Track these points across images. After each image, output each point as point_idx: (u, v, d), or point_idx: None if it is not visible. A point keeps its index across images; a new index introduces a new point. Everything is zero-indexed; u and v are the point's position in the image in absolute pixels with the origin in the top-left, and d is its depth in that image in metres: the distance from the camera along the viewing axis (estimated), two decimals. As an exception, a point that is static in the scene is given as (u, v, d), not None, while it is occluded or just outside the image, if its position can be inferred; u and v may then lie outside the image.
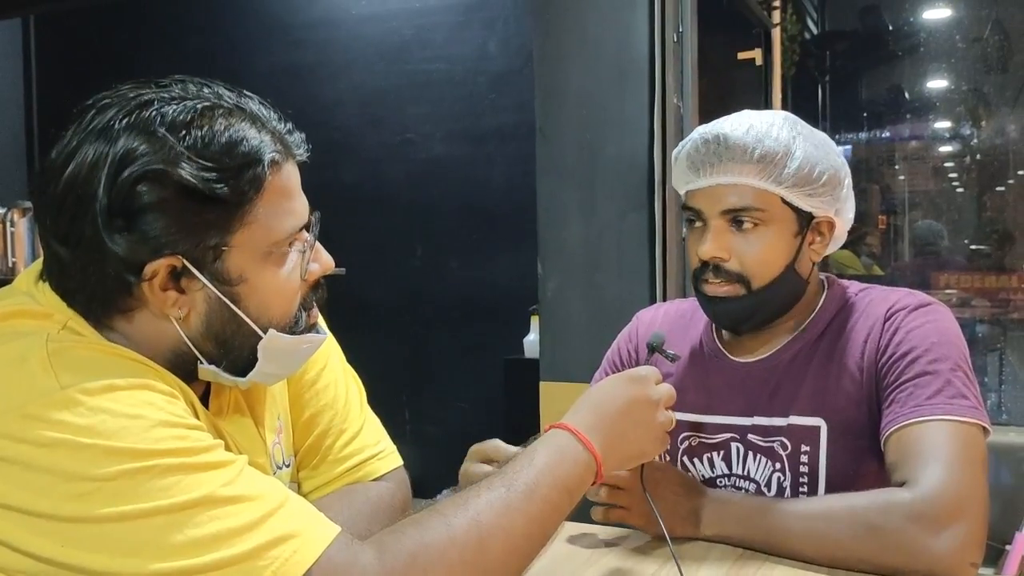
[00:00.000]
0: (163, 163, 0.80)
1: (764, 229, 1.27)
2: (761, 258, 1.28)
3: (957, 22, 4.71)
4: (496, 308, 3.93)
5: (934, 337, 1.23)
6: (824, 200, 1.29)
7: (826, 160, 1.28)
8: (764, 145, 1.25)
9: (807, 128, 1.31)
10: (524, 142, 3.13)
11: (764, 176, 1.26)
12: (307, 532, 0.78)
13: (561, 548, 1.23)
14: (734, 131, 1.27)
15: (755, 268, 1.28)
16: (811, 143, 1.28)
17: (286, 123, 0.92)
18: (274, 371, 0.97)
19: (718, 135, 1.27)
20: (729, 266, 1.28)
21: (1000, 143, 4.54)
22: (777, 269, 1.29)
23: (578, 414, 0.98)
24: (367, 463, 1.15)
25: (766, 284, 1.29)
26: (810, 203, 1.28)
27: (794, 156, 1.26)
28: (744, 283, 1.29)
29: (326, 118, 4.15)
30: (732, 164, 1.26)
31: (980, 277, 4.35)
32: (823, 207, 1.30)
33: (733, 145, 1.26)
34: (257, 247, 0.88)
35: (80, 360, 0.80)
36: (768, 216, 1.27)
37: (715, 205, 1.28)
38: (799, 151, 1.26)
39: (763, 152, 1.25)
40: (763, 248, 1.27)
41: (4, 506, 0.75)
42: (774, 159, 1.25)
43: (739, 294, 1.29)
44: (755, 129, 1.27)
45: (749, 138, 1.26)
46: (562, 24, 2.54)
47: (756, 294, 1.29)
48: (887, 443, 1.19)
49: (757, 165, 1.25)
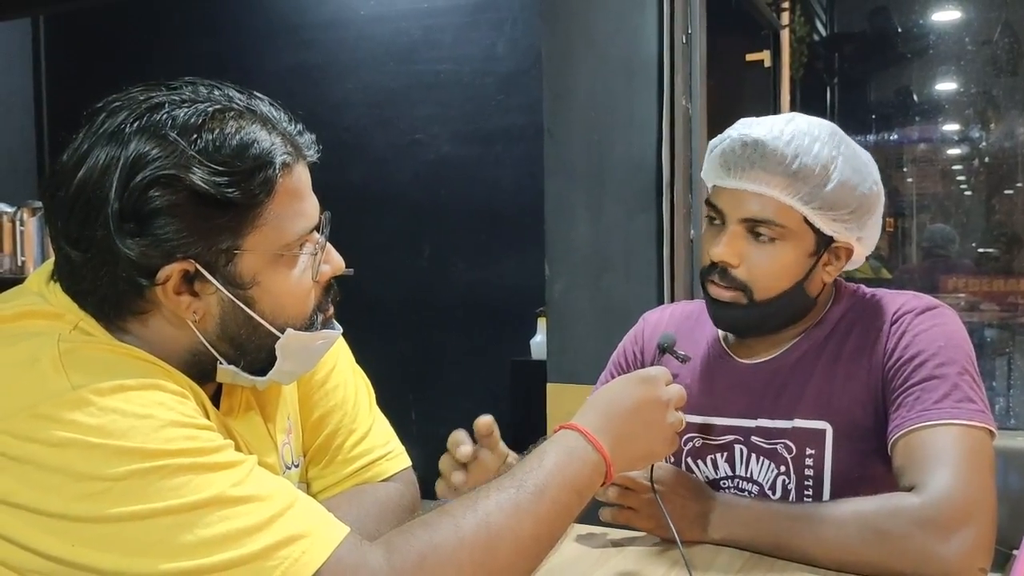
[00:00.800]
0: (175, 168, 0.80)
1: (780, 244, 1.25)
2: (770, 272, 1.26)
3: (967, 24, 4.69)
4: (503, 309, 3.92)
5: (941, 341, 1.22)
6: (848, 226, 1.26)
7: (862, 186, 1.24)
8: (801, 161, 1.21)
9: (851, 148, 1.26)
10: (532, 143, 3.12)
11: (792, 192, 1.22)
12: (316, 532, 0.78)
13: (570, 549, 1.23)
14: (774, 139, 1.23)
15: (762, 280, 1.26)
16: (851, 166, 1.24)
17: (296, 124, 0.93)
18: (292, 369, 0.97)
19: (756, 140, 1.23)
20: (736, 273, 1.27)
21: (1009, 146, 4.52)
22: (784, 285, 1.27)
23: (588, 415, 0.98)
24: (376, 464, 1.16)
25: (769, 298, 1.27)
26: (833, 227, 1.25)
27: (831, 178, 1.22)
28: (747, 293, 1.27)
29: (334, 118, 4.16)
30: (763, 173, 1.23)
31: (988, 281, 4.33)
32: (846, 233, 1.27)
33: (769, 153, 1.22)
34: (269, 249, 0.88)
35: (91, 360, 0.80)
36: (787, 233, 1.24)
37: (737, 210, 1.26)
38: (836, 173, 1.22)
39: (798, 168, 1.21)
40: (774, 262, 1.25)
41: (15, 505, 0.75)
42: (808, 177, 1.21)
43: (741, 302, 1.28)
44: (796, 142, 1.22)
45: (788, 150, 1.22)
46: (571, 25, 2.54)
47: (758, 306, 1.28)
48: (894, 447, 1.18)
49: (788, 179, 1.22)
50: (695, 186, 2.44)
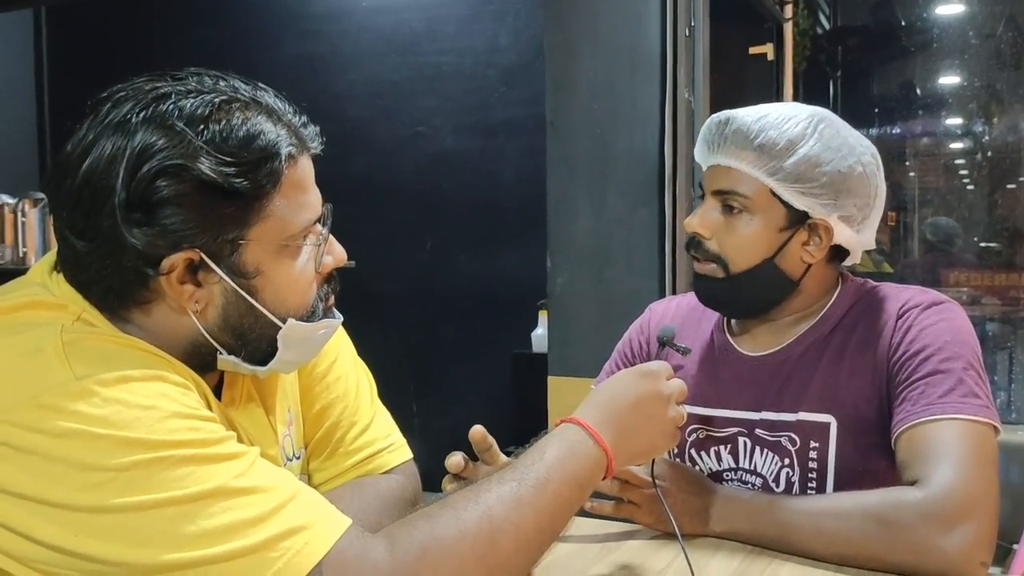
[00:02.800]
0: (182, 158, 0.81)
1: (748, 217, 1.29)
2: (737, 243, 1.30)
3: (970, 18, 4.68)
4: (505, 302, 3.93)
5: (947, 336, 1.22)
6: (822, 202, 1.26)
7: (837, 162, 1.26)
8: (766, 135, 1.26)
9: (834, 129, 1.28)
10: (534, 135, 3.12)
11: (757, 165, 1.27)
12: (318, 524, 0.79)
13: (571, 542, 1.23)
14: (745, 117, 1.29)
15: (731, 252, 1.30)
16: (825, 143, 1.26)
17: (301, 116, 0.93)
18: (293, 358, 0.97)
19: (729, 117, 1.30)
20: (708, 245, 1.32)
21: (1012, 140, 4.51)
22: (754, 259, 1.30)
23: (589, 409, 0.98)
24: (377, 456, 1.16)
25: (743, 271, 1.30)
26: (804, 202, 1.27)
27: (795, 152, 1.25)
28: (722, 265, 1.31)
29: (337, 110, 4.15)
30: (732, 147, 1.29)
31: (990, 275, 4.33)
32: (820, 209, 1.27)
33: (736, 129, 1.28)
34: (273, 240, 0.88)
35: (94, 351, 0.81)
36: (753, 204, 1.28)
37: (711, 183, 1.33)
38: (803, 148, 1.25)
39: (762, 142, 1.26)
40: (742, 235, 1.29)
41: (18, 495, 0.75)
42: (772, 151, 1.26)
43: (718, 276, 1.32)
44: (767, 119, 1.28)
45: (756, 125, 1.27)
46: (573, 17, 2.54)
47: (733, 279, 1.31)
48: (898, 441, 1.19)
49: (753, 153, 1.27)
50: (697, 179, 2.44)
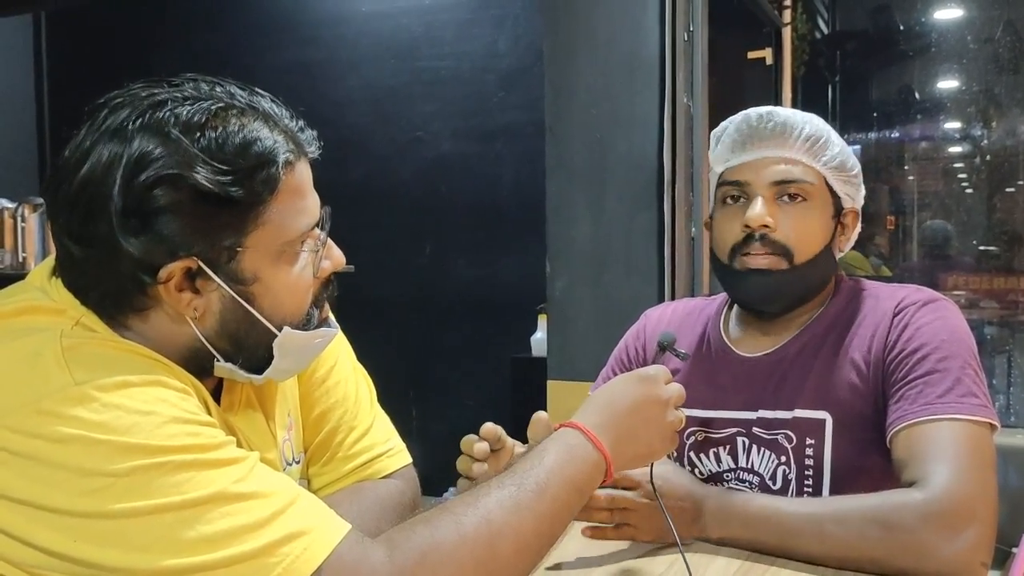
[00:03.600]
0: (178, 166, 0.81)
1: (810, 204, 1.32)
2: (807, 230, 1.31)
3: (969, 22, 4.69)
4: (504, 306, 3.92)
5: (944, 334, 1.23)
6: (853, 191, 1.36)
7: (853, 156, 1.36)
8: (812, 125, 1.32)
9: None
10: (533, 140, 3.12)
11: (811, 155, 1.31)
12: (318, 529, 0.79)
13: (570, 547, 1.23)
14: (782, 111, 1.33)
15: (800, 241, 1.30)
16: (838, 138, 1.35)
17: (298, 121, 0.93)
18: (288, 367, 0.97)
19: (770, 111, 1.33)
20: (775, 236, 1.30)
21: (1011, 144, 4.51)
22: (818, 246, 1.32)
23: (588, 413, 0.98)
24: (376, 460, 1.16)
25: (808, 260, 1.31)
26: (844, 190, 1.35)
27: (833, 142, 1.33)
28: (787, 256, 1.30)
29: (335, 115, 4.15)
30: (783, 139, 1.31)
31: (989, 278, 4.33)
32: (851, 199, 1.37)
33: (784, 121, 1.31)
34: (271, 247, 0.88)
35: (94, 356, 0.81)
36: (814, 191, 1.32)
37: (764, 176, 1.32)
38: (835, 139, 1.34)
39: (810, 132, 1.31)
40: (810, 221, 1.31)
41: (17, 501, 0.75)
42: (819, 140, 1.31)
43: (781, 267, 1.30)
44: (799, 114, 1.33)
45: (797, 117, 1.32)
46: (572, 22, 2.54)
47: (797, 269, 1.31)
48: (895, 439, 1.18)
49: (805, 143, 1.31)
50: (696, 184, 2.44)
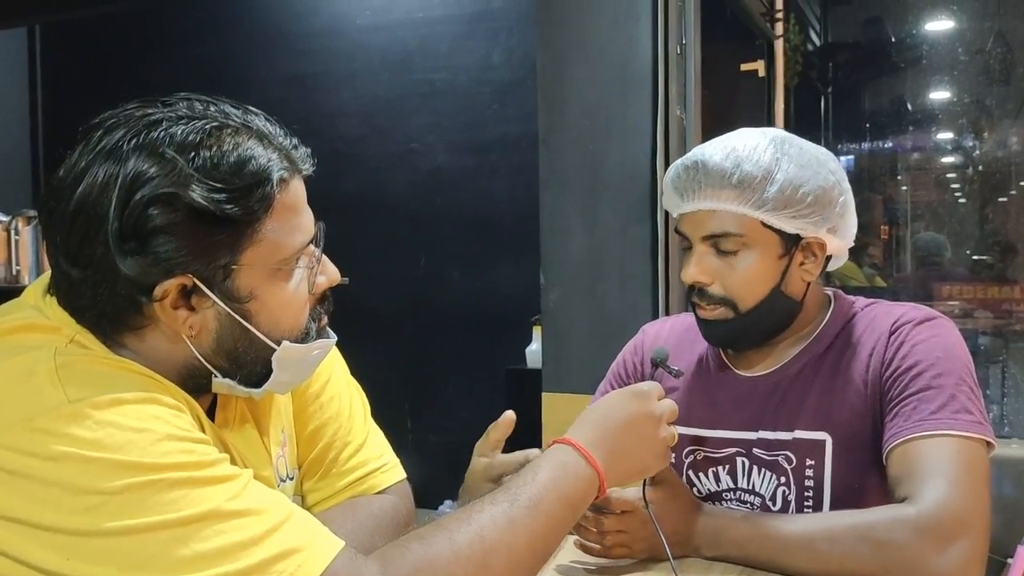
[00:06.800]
0: (173, 186, 0.81)
1: (746, 253, 1.28)
2: (743, 281, 1.28)
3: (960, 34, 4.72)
4: (498, 318, 3.93)
5: (939, 351, 1.23)
6: (812, 220, 1.27)
7: (814, 180, 1.26)
8: (742, 170, 1.25)
9: (797, 147, 1.29)
10: (527, 153, 3.14)
11: (742, 201, 1.26)
12: (312, 546, 0.79)
13: (563, 562, 1.23)
14: (713, 156, 1.27)
15: (739, 291, 1.29)
16: (797, 163, 1.27)
17: (291, 138, 0.93)
18: (289, 379, 0.97)
19: (697, 161, 1.28)
20: (713, 290, 1.30)
21: (1002, 155, 4.54)
22: (763, 292, 1.29)
23: (581, 429, 0.99)
24: (370, 476, 1.15)
25: (753, 306, 1.29)
26: (795, 225, 1.27)
27: (774, 179, 1.25)
28: (731, 306, 1.30)
29: (330, 127, 4.16)
30: (711, 189, 1.27)
31: (982, 288, 4.34)
32: (811, 228, 1.28)
33: (712, 171, 1.26)
34: (266, 264, 0.88)
35: (88, 374, 0.81)
36: (749, 240, 1.27)
37: (697, 230, 1.30)
38: (780, 174, 1.25)
39: (741, 177, 1.25)
40: (745, 272, 1.28)
41: (11, 519, 0.75)
42: (752, 183, 1.25)
43: (727, 317, 1.30)
44: (735, 153, 1.27)
45: (728, 163, 1.26)
46: (566, 35, 2.55)
47: (745, 316, 1.30)
48: (890, 456, 1.19)
49: (735, 190, 1.25)
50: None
